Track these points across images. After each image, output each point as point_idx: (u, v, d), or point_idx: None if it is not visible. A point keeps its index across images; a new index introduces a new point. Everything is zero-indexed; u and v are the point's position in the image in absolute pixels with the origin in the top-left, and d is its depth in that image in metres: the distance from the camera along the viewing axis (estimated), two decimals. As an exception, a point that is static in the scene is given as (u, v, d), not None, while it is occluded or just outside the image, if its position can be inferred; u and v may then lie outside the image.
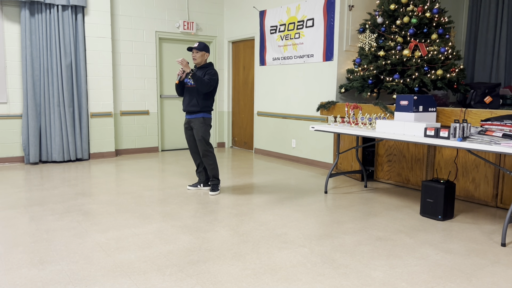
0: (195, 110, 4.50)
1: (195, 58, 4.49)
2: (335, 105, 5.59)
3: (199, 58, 4.49)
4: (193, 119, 4.53)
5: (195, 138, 4.57)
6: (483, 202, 4.29)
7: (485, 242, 3.27)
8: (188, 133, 4.66)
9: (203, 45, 4.50)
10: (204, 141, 4.52)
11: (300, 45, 6.35)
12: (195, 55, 4.48)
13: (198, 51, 4.47)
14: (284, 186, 5.07)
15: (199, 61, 4.50)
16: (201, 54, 4.48)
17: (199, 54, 4.48)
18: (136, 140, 7.32)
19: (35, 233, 3.36)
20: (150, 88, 7.37)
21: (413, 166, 4.89)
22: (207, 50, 4.52)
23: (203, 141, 4.51)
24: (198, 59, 4.49)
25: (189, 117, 4.57)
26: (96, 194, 4.62)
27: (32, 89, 6.20)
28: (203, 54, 4.50)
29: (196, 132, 4.53)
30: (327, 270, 2.73)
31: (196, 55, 4.48)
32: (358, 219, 3.80)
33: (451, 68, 5.01)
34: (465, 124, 3.41)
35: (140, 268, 2.74)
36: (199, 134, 4.50)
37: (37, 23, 6.17)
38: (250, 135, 7.82)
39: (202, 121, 4.51)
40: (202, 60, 4.52)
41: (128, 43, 7.08)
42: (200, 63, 4.52)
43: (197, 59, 4.49)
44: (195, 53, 4.48)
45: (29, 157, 6.26)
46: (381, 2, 5.31)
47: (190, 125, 4.59)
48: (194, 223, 3.64)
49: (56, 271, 2.68)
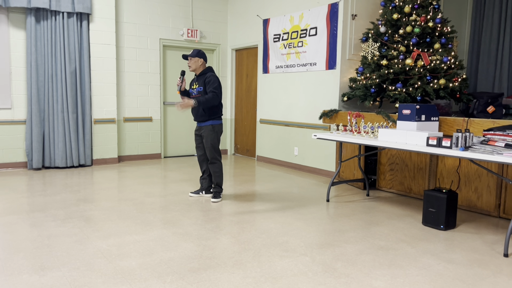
0: (203, 119, 4.53)
1: (190, 65, 4.54)
2: (337, 114, 5.60)
3: (194, 65, 4.53)
4: (203, 127, 4.56)
5: (204, 145, 4.60)
6: (486, 212, 4.27)
7: (487, 253, 3.25)
8: (198, 140, 4.69)
9: (196, 52, 4.54)
10: (213, 149, 4.55)
11: (303, 54, 6.38)
12: (190, 62, 4.54)
13: (191, 58, 4.52)
14: (286, 194, 5.07)
15: (194, 68, 4.54)
16: (195, 60, 4.52)
17: (193, 60, 4.52)
18: (139, 146, 7.35)
19: (36, 239, 3.36)
20: (154, 95, 7.40)
21: (415, 175, 4.88)
22: (201, 55, 4.54)
23: (212, 149, 4.55)
24: (193, 66, 4.53)
25: (199, 125, 4.62)
26: (98, 200, 4.62)
27: (36, 95, 6.24)
28: (197, 60, 4.52)
29: (205, 140, 4.55)
30: (328, 279, 2.72)
31: (190, 62, 4.53)
32: (360, 228, 3.79)
33: (454, 78, 5.01)
34: (468, 133, 3.41)
35: (141, 275, 2.74)
36: (208, 142, 4.53)
37: (42, 29, 6.22)
38: (253, 143, 7.83)
39: (211, 129, 4.53)
40: (197, 66, 4.54)
41: (132, 50, 7.13)
42: (196, 69, 4.55)
43: (192, 65, 4.53)
44: (189, 60, 4.54)
45: (32, 162, 6.29)
46: (384, 12, 5.34)
47: (200, 133, 4.62)
48: (196, 231, 3.64)
49: (57, 277, 2.69)
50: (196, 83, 4.58)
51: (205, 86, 4.46)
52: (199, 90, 4.51)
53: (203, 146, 4.65)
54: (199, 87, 4.51)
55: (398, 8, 5.20)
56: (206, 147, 4.57)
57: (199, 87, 4.51)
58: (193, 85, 4.61)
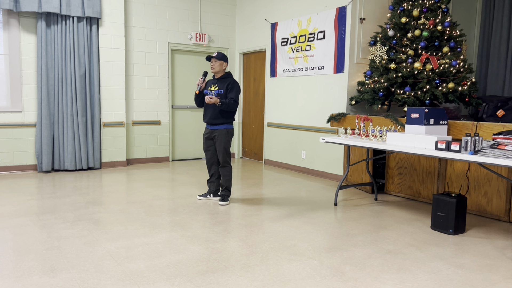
0: (218, 122, 4.55)
1: (213, 67, 4.55)
2: (345, 117, 5.59)
3: (218, 67, 4.55)
4: (217, 130, 4.57)
5: (216, 149, 4.61)
6: (496, 217, 4.24)
7: (497, 258, 3.22)
8: (208, 143, 4.68)
9: (222, 55, 4.57)
10: (226, 153, 4.57)
11: (311, 57, 6.39)
12: (214, 64, 4.55)
13: (216, 60, 4.54)
14: (293, 197, 5.06)
15: (217, 70, 4.56)
16: (220, 63, 4.55)
17: (218, 63, 4.54)
18: (147, 149, 7.39)
19: (46, 241, 3.40)
20: (162, 99, 7.45)
21: (424, 179, 4.85)
22: (225, 59, 4.59)
23: (224, 153, 4.57)
24: (216, 68, 4.55)
25: (212, 128, 4.61)
26: (107, 203, 4.66)
27: (47, 98, 6.31)
28: (222, 63, 4.56)
29: (219, 143, 4.56)
30: (336, 283, 2.71)
31: (214, 64, 4.55)
32: (368, 232, 3.77)
33: (463, 81, 4.98)
34: (477, 137, 3.39)
35: (149, 277, 2.75)
36: (222, 145, 4.54)
37: (53, 34, 6.30)
38: (260, 146, 7.84)
39: (226, 133, 4.55)
40: (221, 69, 4.57)
41: (141, 54, 7.18)
42: (218, 72, 4.58)
43: (215, 68, 4.55)
44: (213, 62, 4.55)
45: (42, 165, 6.35)
46: (392, 15, 5.33)
47: (212, 136, 4.62)
48: (204, 233, 3.65)
49: (67, 278, 2.71)
50: (215, 85, 4.58)
51: (226, 91, 4.50)
52: (219, 92, 4.52)
53: (213, 150, 4.66)
54: (219, 90, 4.53)
55: (407, 12, 5.20)
56: (218, 151, 4.58)
57: (219, 89, 4.53)
58: (211, 87, 4.60)
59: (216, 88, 4.55)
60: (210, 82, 4.68)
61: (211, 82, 4.67)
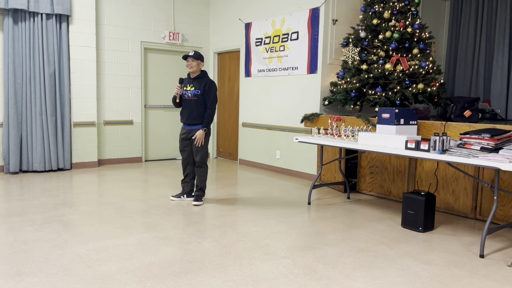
0: (196, 122, 4.54)
1: (191, 66, 4.52)
2: (318, 117, 5.65)
3: (195, 67, 4.53)
4: (194, 130, 4.56)
5: (193, 149, 4.58)
6: (463, 214, 4.37)
7: (464, 254, 3.32)
8: (184, 143, 4.66)
9: (199, 54, 4.54)
10: (203, 153, 4.56)
11: (285, 58, 6.42)
12: (191, 64, 4.52)
13: (194, 59, 4.51)
14: (267, 197, 5.08)
15: (195, 70, 4.54)
16: (197, 62, 4.53)
17: (195, 62, 4.52)
18: (119, 150, 7.26)
19: (13, 244, 3.29)
20: (135, 98, 7.34)
21: (394, 178, 4.96)
22: (202, 59, 4.57)
23: (202, 153, 4.55)
24: (194, 68, 4.53)
25: (189, 128, 4.60)
26: (77, 204, 4.55)
27: (14, 97, 6.11)
28: (199, 63, 4.54)
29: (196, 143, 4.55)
30: (309, 282, 2.74)
31: (192, 64, 4.52)
32: (341, 231, 3.83)
33: (432, 82, 5.12)
34: (445, 137, 3.49)
35: (121, 279, 2.71)
36: (200, 145, 4.52)
37: (20, 31, 6.11)
38: (235, 146, 7.83)
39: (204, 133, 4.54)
40: (198, 69, 4.56)
41: (113, 52, 7.06)
42: (195, 71, 4.56)
43: (193, 67, 4.53)
44: (191, 61, 4.52)
45: (9, 166, 6.15)
46: (364, 17, 5.43)
47: (189, 136, 4.60)
48: (177, 234, 3.61)
49: (34, 283, 2.63)
50: (191, 85, 4.56)
51: (204, 92, 4.50)
52: (196, 93, 4.50)
53: (190, 150, 4.63)
54: (196, 90, 4.51)
55: (378, 14, 5.29)
56: (195, 151, 4.56)
57: (196, 90, 4.51)
58: (187, 87, 4.58)
59: (193, 88, 4.53)
60: (185, 81, 4.64)
61: (186, 81, 4.64)
